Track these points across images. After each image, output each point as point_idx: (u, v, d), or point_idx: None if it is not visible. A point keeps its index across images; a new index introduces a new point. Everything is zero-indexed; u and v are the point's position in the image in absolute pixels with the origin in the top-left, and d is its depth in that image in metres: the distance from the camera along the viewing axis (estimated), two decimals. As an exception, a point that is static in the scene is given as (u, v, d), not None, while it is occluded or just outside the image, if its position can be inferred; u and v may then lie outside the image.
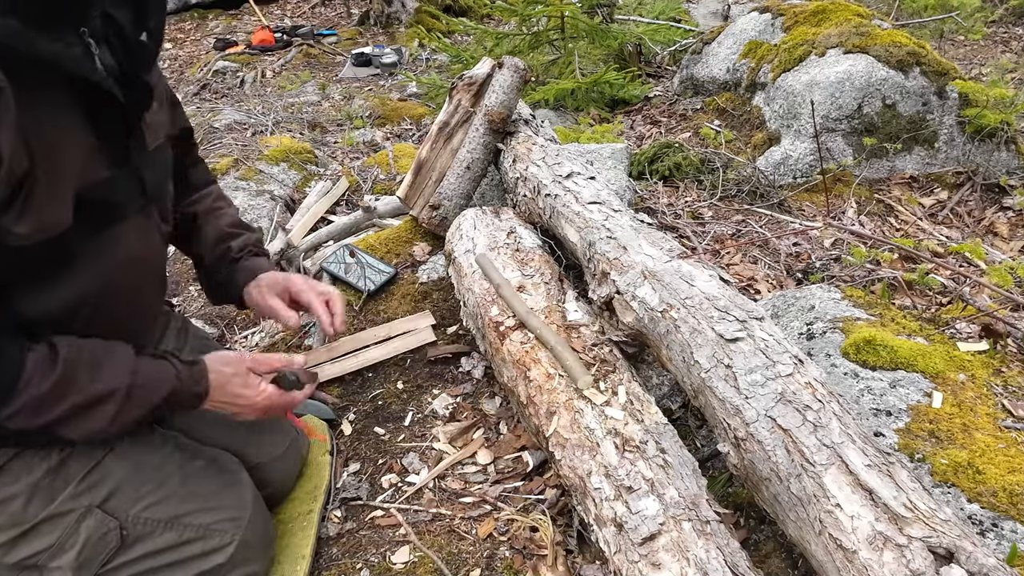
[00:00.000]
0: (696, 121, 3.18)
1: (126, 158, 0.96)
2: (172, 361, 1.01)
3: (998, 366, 1.31)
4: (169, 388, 0.98)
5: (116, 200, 0.96)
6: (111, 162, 0.93)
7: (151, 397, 0.97)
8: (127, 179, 0.98)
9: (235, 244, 1.31)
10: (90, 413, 0.92)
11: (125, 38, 0.95)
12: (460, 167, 2.01)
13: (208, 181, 1.38)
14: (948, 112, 2.52)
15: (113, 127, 0.93)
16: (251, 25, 6.74)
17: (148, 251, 1.07)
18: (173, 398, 0.99)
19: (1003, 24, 4.84)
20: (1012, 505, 1.00)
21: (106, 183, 0.92)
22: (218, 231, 1.31)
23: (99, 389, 0.92)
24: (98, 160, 0.91)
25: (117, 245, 0.97)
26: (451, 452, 1.40)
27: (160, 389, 0.98)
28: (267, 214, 2.39)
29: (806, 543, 0.84)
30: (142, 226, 1.04)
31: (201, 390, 1.03)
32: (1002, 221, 2.28)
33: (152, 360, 1.00)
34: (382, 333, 1.73)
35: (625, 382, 1.19)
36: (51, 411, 0.89)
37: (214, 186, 1.39)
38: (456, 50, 4.14)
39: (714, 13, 5.34)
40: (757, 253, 2.08)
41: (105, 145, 0.92)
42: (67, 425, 0.91)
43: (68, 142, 0.86)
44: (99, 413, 0.93)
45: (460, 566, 1.16)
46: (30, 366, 0.87)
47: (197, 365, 1.04)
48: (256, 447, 1.25)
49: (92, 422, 0.93)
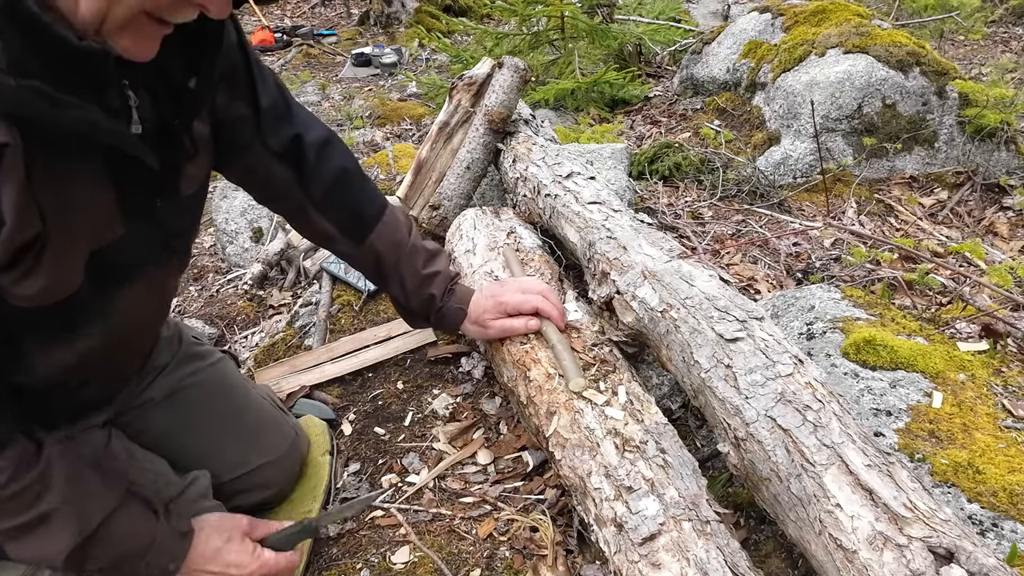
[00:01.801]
0: (696, 121, 3.18)
1: (150, 212, 0.87)
2: (161, 523, 0.95)
3: (998, 366, 1.31)
4: (134, 547, 0.92)
5: (131, 260, 0.87)
6: (131, 216, 0.83)
7: (112, 549, 0.91)
8: (148, 234, 0.88)
9: (436, 292, 1.27)
10: (44, 534, 0.85)
11: (172, 86, 0.85)
12: (460, 167, 2.01)
13: (382, 206, 1.24)
14: (948, 112, 2.52)
15: (141, 184, 0.83)
16: (251, 25, 6.73)
17: (161, 300, 1.02)
18: (136, 559, 0.93)
19: (1003, 24, 4.84)
20: (1012, 505, 1.00)
21: (122, 241, 0.83)
22: (415, 277, 1.25)
23: (65, 513, 0.85)
24: (115, 216, 0.82)
25: (128, 303, 0.90)
26: (451, 452, 1.40)
27: (124, 544, 0.92)
28: (267, 214, 2.39)
29: (806, 543, 0.84)
30: (157, 277, 0.96)
31: (172, 566, 0.96)
32: (1002, 221, 2.28)
33: (140, 514, 0.93)
34: (382, 333, 1.73)
35: (625, 382, 1.19)
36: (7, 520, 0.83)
37: (388, 210, 1.25)
38: (456, 50, 4.13)
39: (714, 13, 5.33)
40: (757, 253, 2.08)
41: (127, 199, 0.82)
42: (14, 539, 0.84)
43: (86, 200, 0.77)
44: (53, 539, 0.86)
45: (460, 566, 1.16)
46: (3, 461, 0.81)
47: (183, 537, 0.97)
48: (255, 449, 1.24)
49: (42, 545, 0.85)
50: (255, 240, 2.38)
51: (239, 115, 1.04)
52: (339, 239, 1.22)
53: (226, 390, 1.25)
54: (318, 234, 1.24)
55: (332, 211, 1.19)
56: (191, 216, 1.02)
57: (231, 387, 1.26)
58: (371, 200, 1.23)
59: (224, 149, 1.03)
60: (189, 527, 1.00)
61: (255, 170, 1.13)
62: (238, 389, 1.27)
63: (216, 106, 0.98)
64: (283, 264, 2.22)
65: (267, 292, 2.17)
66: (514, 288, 1.30)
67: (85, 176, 0.77)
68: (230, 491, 1.20)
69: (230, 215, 2.43)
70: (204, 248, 2.64)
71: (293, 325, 1.88)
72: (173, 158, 0.88)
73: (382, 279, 1.29)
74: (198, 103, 0.88)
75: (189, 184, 0.94)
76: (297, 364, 1.68)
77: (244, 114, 1.04)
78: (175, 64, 0.83)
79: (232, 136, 1.04)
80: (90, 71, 0.70)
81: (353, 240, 1.22)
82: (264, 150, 1.09)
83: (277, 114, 1.09)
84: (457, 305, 1.29)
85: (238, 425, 1.23)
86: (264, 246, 2.29)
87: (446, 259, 1.33)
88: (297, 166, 1.14)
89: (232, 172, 1.15)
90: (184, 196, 0.94)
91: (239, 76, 1.02)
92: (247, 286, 2.18)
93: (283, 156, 1.12)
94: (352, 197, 1.21)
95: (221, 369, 1.27)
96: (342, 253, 1.28)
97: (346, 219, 1.21)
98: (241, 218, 2.41)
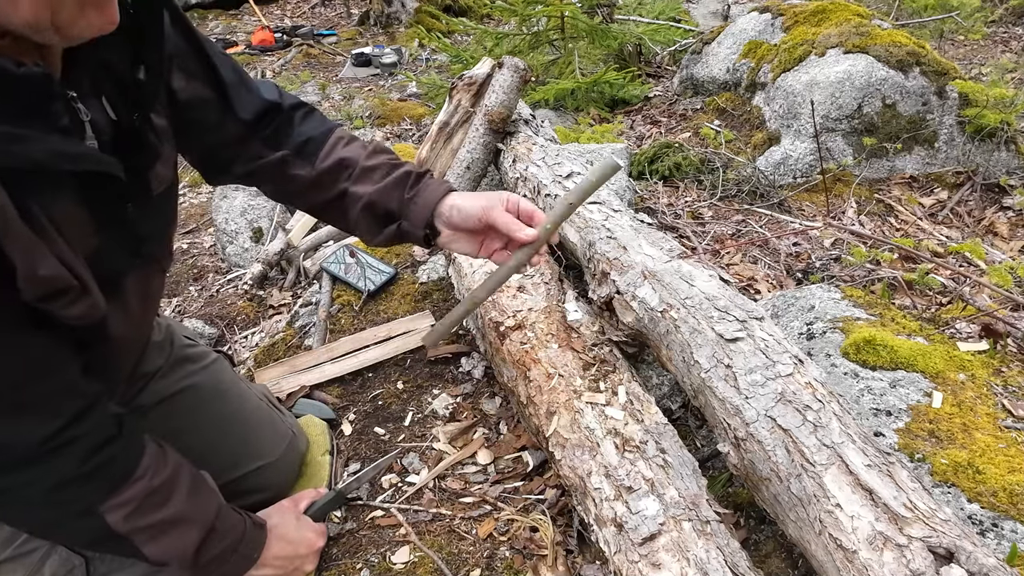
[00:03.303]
0: (696, 121, 3.18)
1: (122, 219, 0.83)
2: (244, 516, 1.03)
3: (998, 366, 1.31)
4: (232, 540, 0.99)
5: (110, 269, 0.83)
6: (102, 226, 0.79)
7: (222, 543, 0.97)
8: (122, 240, 0.84)
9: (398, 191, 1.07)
10: (177, 532, 0.91)
11: (122, 82, 0.80)
12: (460, 167, 2.01)
13: (328, 129, 1.12)
14: (948, 112, 2.52)
15: (109, 193, 0.79)
16: (251, 25, 6.74)
17: (148, 304, 1.00)
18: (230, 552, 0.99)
19: (1003, 24, 4.84)
20: (1012, 505, 1.00)
21: (98, 253, 0.79)
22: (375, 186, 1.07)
23: (192, 509, 0.92)
24: (89, 228, 0.78)
25: (115, 311, 0.86)
26: (451, 452, 1.40)
27: (228, 537, 0.98)
28: (267, 214, 2.39)
29: (806, 543, 0.84)
30: (140, 280, 0.93)
31: (256, 555, 1.04)
32: (1002, 221, 2.27)
33: (229, 508, 1.00)
34: (382, 333, 1.73)
35: (625, 382, 1.19)
36: (148, 515, 0.87)
37: (336, 131, 1.13)
38: (456, 50, 4.13)
39: (714, 13, 5.33)
40: (757, 253, 2.08)
41: (97, 210, 0.78)
42: (153, 539, 0.89)
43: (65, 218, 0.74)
44: (185, 535, 0.92)
45: (460, 566, 1.16)
46: (147, 457, 0.87)
47: (261, 528, 1.06)
48: (251, 451, 1.24)
49: (175, 543, 0.91)
50: (255, 240, 2.38)
51: (201, 96, 0.99)
52: (293, 162, 1.09)
53: (220, 393, 1.24)
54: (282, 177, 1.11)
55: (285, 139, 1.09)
56: (164, 214, 0.98)
57: (225, 390, 1.25)
58: (321, 122, 1.14)
59: (193, 133, 1.00)
60: (261, 519, 1.08)
61: (227, 146, 1.07)
62: (233, 391, 1.26)
63: (174, 91, 0.95)
64: (283, 264, 2.22)
65: (267, 292, 2.17)
66: (499, 201, 1.04)
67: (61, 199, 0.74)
68: (227, 494, 1.19)
69: (230, 215, 2.43)
70: (204, 248, 2.64)
71: (293, 325, 1.89)
72: (143, 162, 0.85)
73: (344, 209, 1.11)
74: (150, 94, 0.84)
75: (159, 183, 0.91)
76: (297, 364, 1.68)
77: (206, 95, 1.00)
78: (119, 59, 0.79)
79: (199, 119, 1.00)
80: (36, 96, 0.66)
81: (307, 161, 1.09)
82: (237, 122, 1.05)
83: (240, 84, 1.04)
84: (424, 201, 1.07)
85: (233, 428, 1.22)
86: (264, 246, 2.29)
87: (410, 163, 1.15)
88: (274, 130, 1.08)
89: (194, 155, 1.09)
90: (155, 195, 0.91)
91: (189, 58, 0.97)
92: (247, 286, 2.18)
93: (254, 124, 1.07)
94: (307, 124, 1.12)
95: (215, 371, 1.25)
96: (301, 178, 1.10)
97: (301, 145, 1.10)
98: (241, 218, 2.41)
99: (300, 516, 1.18)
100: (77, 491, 0.83)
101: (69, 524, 0.86)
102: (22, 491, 0.80)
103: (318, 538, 1.17)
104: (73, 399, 0.81)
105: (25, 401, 0.75)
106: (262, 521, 1.09)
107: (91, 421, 0.82)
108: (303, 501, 1.22)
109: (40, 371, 0.76)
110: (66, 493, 0.82)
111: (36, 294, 0.69)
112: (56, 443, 0.78)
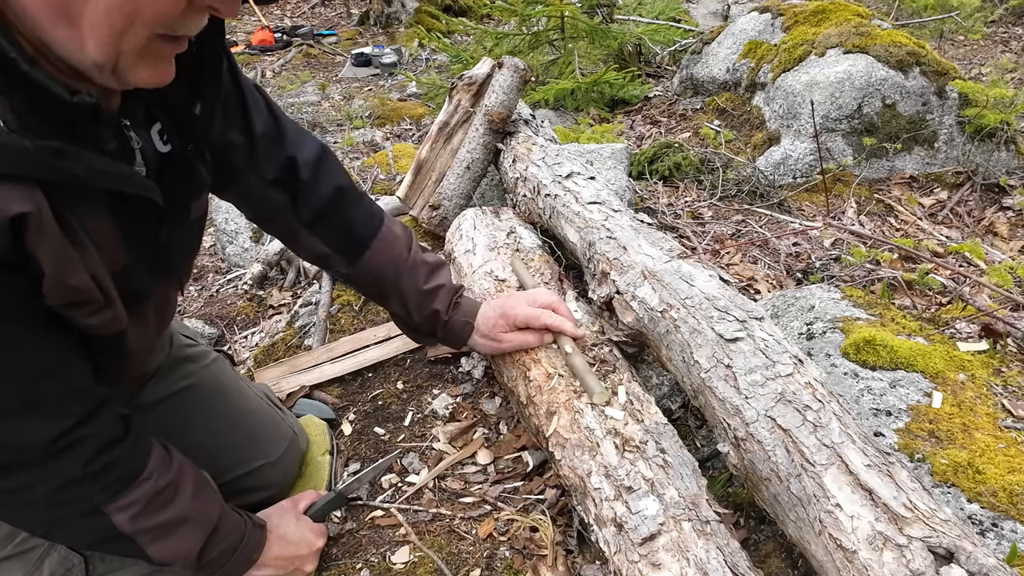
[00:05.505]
0: (696, 121, 3.18)
1: (154, 240, 0.87)
2: (244, 517, 1.03)
3: (998, 366, 1.31)
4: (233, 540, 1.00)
5: (136, 287, 0.86)
6: (133, 245, 0.82)
7: (223, 543, 0.98)
8: (151, 260, 0.87)
9: (440, 306, 1.25)
10: (182, 533, 0.91)
11: (176, 115, 0.85)
12: (460, 167, 2.01)
13: (377, 224, 1.22)
14: (948, 112, 2.52)
15: (144, 216, 0.82)
16: (251, 25, 6.74)
17: (163, 318, 1.02)
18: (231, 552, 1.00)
19: (1003, 24, 4.84)
20: (1012, 505, 1.00)
21: (125, 270, 0.82)
22: (416, 292, 1.23)
23: (196, 509, 0.93)
24: (119, 246, 0.80)
25: (135, 325, 0.88)
26: (451, 452, 1.40)
27: (230, 538, 0.99)
28: (267, 214, 2.39)
29: (806, 543, 0.84)
30: (160, 297, 0.96)
31: (256, 555, 1.05)
32: (1002, 221, 2.28)
33: (230, 508, 1.01)
34: (382, 333, 1.73)
35: (625, 382, 1.19)
36: (154, 516, 0.88)
37: (384, 226, 1.23)
38: (456, 50, 4.14)
39: (714, 13, 5.34)
40: (757, 253, 2.08)
41: (130, 231, 0.81)
42: (158, 540, 0.90)
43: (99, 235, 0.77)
44: (190, 536, 0.92)
45: (460, 566, 1.16)
46: (153, 458, 0.87)
47: (261, 528, 1.07)
48: (252, 451, 1.24)
49: (180, 543, 0.92)
50: (255, 240, 2.38)
51: (232, 142, 1.05)
52: (334, 259, 1.22)
53: (221, 392, 1.24)
54: (313, 254, 1.24)
55: (326, 231, 1.19)
56: (196, 238, 1.03)
57: (226, 389, 1.25)
58: (367, 218, 1.22)
59: (219, 175, 1.04)
60: (262, 519, 1.08)
61: (249, 194, 1.14)
62: (233, 390, 1.26)
63: (212, 133, 0.98)
64: (283, 264, 2.22)
65: (267, 292, 2.17)
66: (523, 300, 1.28)
67: (94, 213, 0.77)
68: (228, 493, 1.19)
69: (230, 215, 2.43)
70: (204, 248, 2.64)
71: (293, 325, 1.88)
72: (192, 191, 0.91)
73: (383, 297, 1.28)
74: (202, 128, 0.89)
75: (197, 209, 0.96)
76: (297, 364, 1.68)
77: (237, 141, 1.05)
78: (179, 93, 0.83)
79: (226, 162, 1.05)
80: (85, 123, 0.70)
81: (348, 259, 1.22)
82: (258, 177, 1.11)
83: (270, 139, 1.09)
84: (463, 319, 1.28)
85: (234, 427, 1.23)
86: (264, 246, 2.29)
87: (448, 272, 1.31)
88: (291, 189, 1.14)
89: (226, 195, 1.16)
90: (192, 221, 0.96)
91: (232, 103, 1.03)
92: (247, 286, 2.18)
93: (277, 181, 1.12)
94: (346, 216, 1.20)
95: (215, 371, 1.25)
96: (340, 274, 1.27)
97: (340, 239, 1.21)
98: (241, 218, 2.41)
99: (300, 516, 1.18)
100: (83, 491, 0.83)
101: (75, 524, 0.87)
102: (30, 490, 0.81)
103: (318, 538, 1.17)
104: (83, 400, 0.82)
105: (37, 399, 0.76)
106: (262, 522, 1.09)
107: (99, 422, 0.83)
108: (303, 501, 1.22)
109: (54, 371, 0.77)
110: (72, 493, 0.82)
111: (61, 301, 0.72)
112: (64, 443, 0.79)
